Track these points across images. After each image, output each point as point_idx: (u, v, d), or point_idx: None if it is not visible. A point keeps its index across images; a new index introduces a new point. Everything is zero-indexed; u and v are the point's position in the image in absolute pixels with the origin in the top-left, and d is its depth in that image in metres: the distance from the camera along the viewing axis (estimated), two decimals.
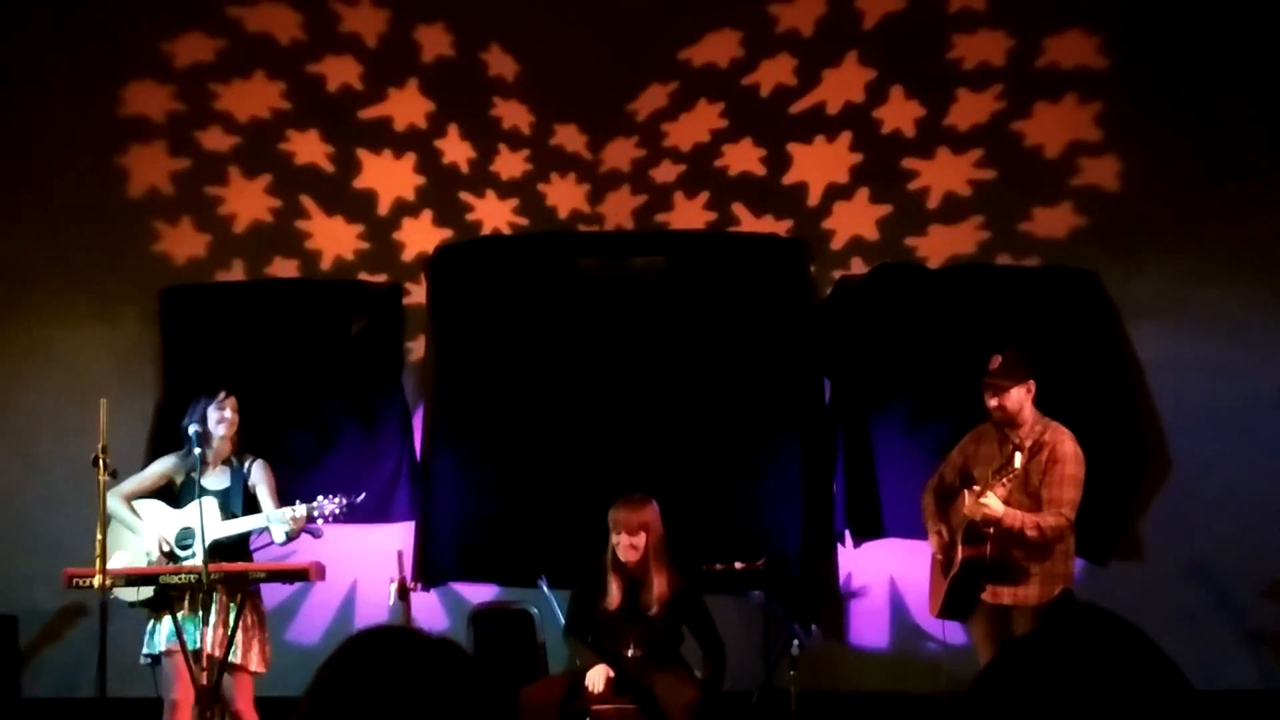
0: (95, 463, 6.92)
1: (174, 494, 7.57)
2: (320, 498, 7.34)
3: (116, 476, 7.21)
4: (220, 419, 7.49)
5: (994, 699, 1.95)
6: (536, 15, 9.55)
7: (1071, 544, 7.36)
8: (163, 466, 7.64)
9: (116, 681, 7.09)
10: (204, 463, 7.45)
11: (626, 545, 7.62)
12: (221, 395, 7.56)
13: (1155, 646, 1.95)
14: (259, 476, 7.60)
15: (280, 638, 8.52)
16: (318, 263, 9.52)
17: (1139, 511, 9.04)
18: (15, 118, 9.52)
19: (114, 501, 7.33)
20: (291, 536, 7.41)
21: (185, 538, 7.39)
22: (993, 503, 7.09)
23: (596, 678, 7.50)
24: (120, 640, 7.22)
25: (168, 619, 7.24)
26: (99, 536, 6.82)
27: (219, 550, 7.19)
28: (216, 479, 7.51)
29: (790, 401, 9.18)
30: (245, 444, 7.70)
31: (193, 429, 7.48)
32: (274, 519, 7.33)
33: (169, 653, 7.26)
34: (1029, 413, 7.37)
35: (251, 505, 7.53)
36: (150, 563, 7.36)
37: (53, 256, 9.44)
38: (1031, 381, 7.38)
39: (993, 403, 7.34)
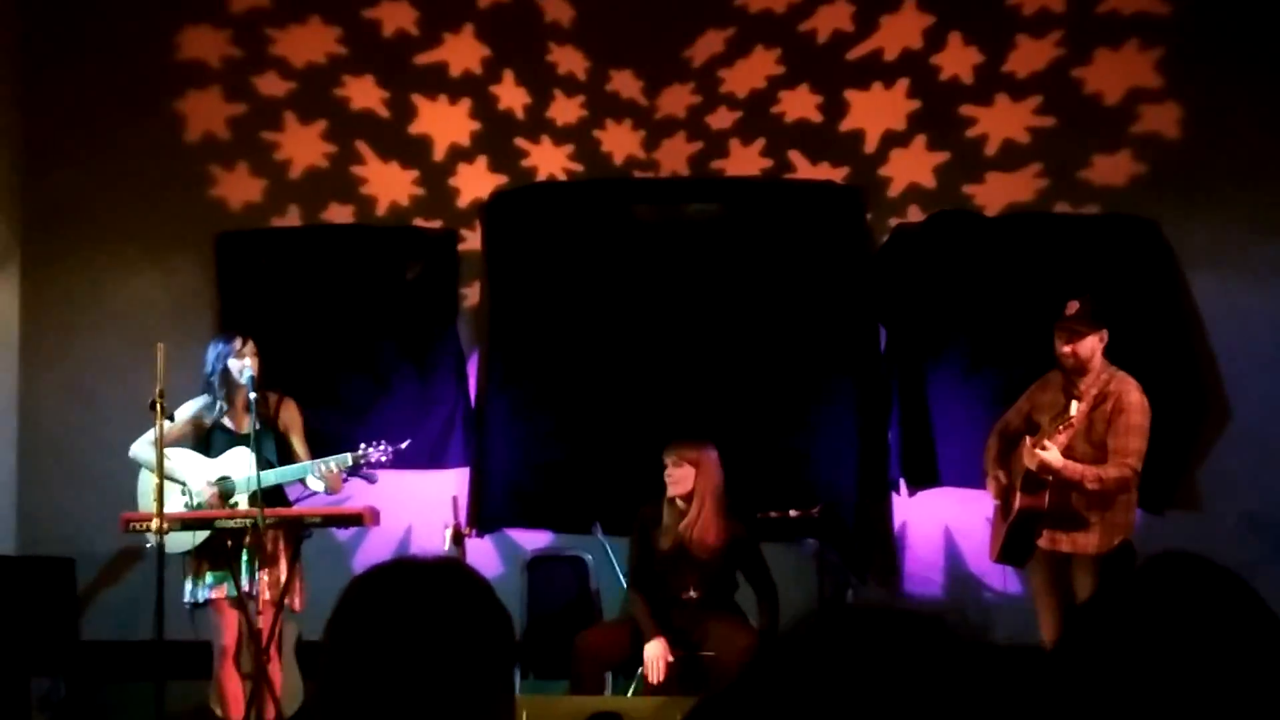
0: (152, 406, 6.94)
1: (200, 439, 7.53)
2: (364, 445, 7.29)
3: (174, 420, 7.23)
4: (242, 367, 7.31)
5: (1090, 649, 1.92)
6: None
7: (1134, 494, 7.29)
8: (189, 412, 7.53)
9: (174, 624, 7.15)
10: (231, 406, 7.44)
11: (670, 478, 7.73)
12: (239, 343, 7.41)
13: (1258, 596, 1.90)
14: (288, 418, 7.56)
15: (334, 584, 8.51)
16: (373, 208, 9.51)
17: (1197, 462, 8.97)
18: (72, 64, 9.54)
19: (148, 450, 7.18)
20: (330, 490, 7.40)
21: (223, 486, 7.36)
22: (1051, 454, 7.01)
23: (657, 666, 7.49)
24: (177, 583, 7.26)
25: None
26: (155, 481, 6.86)
27: (257, 496, 7.11)
28: (246, 424, 7.31)
29: (846, 349, 9.13)
30: (294, 389, 7.67)
31: (215, 375, 7.44)
32: (314, 469, 7.27)
33: (214, 600, 7.27)
34: (1098, 361, 7.28)
35: (284, 447, 7.51)
36: (192, 507, 7.33)
37: (110, 202, 9.46)
38: (1105, 331, 7.28)
39: (1066, 348, 7.24)
